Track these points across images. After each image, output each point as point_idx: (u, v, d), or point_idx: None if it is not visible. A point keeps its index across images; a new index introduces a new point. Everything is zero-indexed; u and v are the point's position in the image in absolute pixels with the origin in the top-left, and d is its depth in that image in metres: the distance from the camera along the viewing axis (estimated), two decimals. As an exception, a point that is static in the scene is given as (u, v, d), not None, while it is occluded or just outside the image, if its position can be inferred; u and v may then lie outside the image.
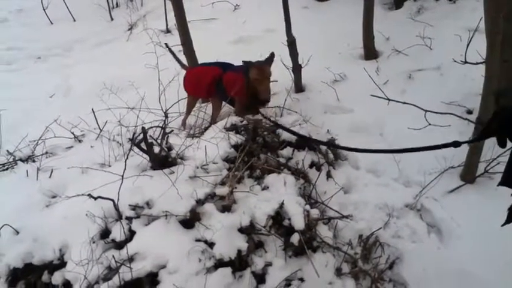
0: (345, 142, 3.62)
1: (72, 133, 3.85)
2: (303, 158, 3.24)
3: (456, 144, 1.69)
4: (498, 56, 2.86)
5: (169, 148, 3.11)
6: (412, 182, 3.34)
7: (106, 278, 2.33)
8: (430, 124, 3.10)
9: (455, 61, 3.51)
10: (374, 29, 4.71)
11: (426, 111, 3.05)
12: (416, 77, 4.31)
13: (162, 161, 2.95)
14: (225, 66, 3.90)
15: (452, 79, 4.06)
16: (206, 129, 3.57)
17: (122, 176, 2.52)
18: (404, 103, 3.12)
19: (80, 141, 3.83)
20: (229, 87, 3.66)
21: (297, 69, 4.32)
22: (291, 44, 4.23)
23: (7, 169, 3.49)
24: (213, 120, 3.81)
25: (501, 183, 1.62)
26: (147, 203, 2.62)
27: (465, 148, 3.17)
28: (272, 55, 3.68)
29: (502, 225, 1.63)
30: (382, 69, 4.49)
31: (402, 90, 4.14)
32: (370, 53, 4.78)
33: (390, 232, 2.99)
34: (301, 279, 2.55)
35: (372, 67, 4.47)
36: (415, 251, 2.86)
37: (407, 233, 3.01)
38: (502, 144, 1.51)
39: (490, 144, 3.09)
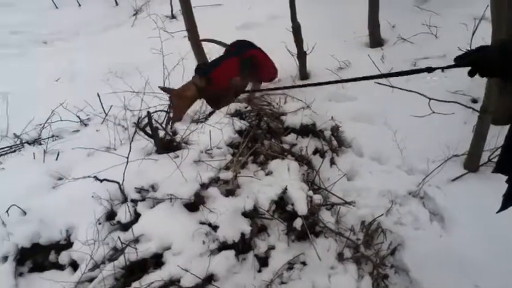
0: (349, 130, 3.66)
1: (78, 117, 3.89)
2: (307, 144, 3.25)
3: (429, 70, 1.80)
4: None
5: (174, 132, 3.14)
6: (416, 170, 3.36)
7: (112, 259, 2.37)
8: (434, 112, 3.10)
9: (460, 49, 3.50)
10: (380, 16, 4.69)
11: (430, 99, 3.04)
12: (421, 65, 4.29)
13: (167, 145, 2.97)
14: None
15: (459, 68, 4.03)
16: (210, 114, 3.59)
17: (127, 158, 2.55)
18: (410, 91, 3.12)
19: (85, 125, 3.86)
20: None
21: (301, 56, 4.32)
22: (296, 30, 4.22)
23: (14, 151, 3.53)
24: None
25: (495, 170, 1.66)
26: (152, 186, 2.66)
27: (469, 136, 3.17)
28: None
29: (497, 211, 1.66)
30: (387, 57, 4.48)
31: (407, 79, 4.10)
32: (376, 40, 4.77)
33: (393, 219, 3.01)
34: (304, 263, 2.59)
35: (377, 55, 4.46)
36: (417, 237, 2.88)
37: (410, 220, 3.02)
38: (471, 74, 1.65)
39: (495, 133, 3.11)
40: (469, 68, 1.64)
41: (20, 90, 4.97)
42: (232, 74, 3.61)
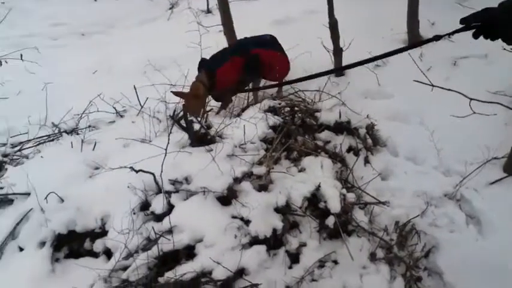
0: (384, 128, 3.60)
1: (114, 108, 3.95)
2: (341, 142, 3.22)
3: (437, 38, 1.81)
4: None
5: (208, 126, 3.16)
6: (453, 171, 3.28)
7: (145, 248, 2.41)
8: (474, 113, 3.01)
9: (504, 49, 3.38)
10: (419, 13, 4.59)
11: (471, 99, 2.96)
12: (461, 64, 4.19)
13: (201, 138, 3.00)
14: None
15: (500, 68, 3.92)
16: (244, 109, 3.59)
17: (166, 149, 2.58)
18: (450, 90, 3.04)
19: (121, 116, 3.92)
20: None
21: (337, 52, 4.27)
22: (333, 26, 4.18)
23: (52, 140, 3.63)
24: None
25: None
26: (186, 179, 2.68)
27: (510, 139, 3.07)
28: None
29: None
30: (425, 55, 4.38)
31: (446, 77, 4.04)
32: (414, 38, 4.66)
33: (427, 220, 2.95)
34: (335, 262, 2.56)
35: (415, 53, 4.35)
36: (452, 240, 2.81)
37: (445, 222, 2.96)
38: (475, 36, 1.66)
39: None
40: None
41: (58, 81, 5.09)
42: (235, 74, 3.63)
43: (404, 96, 3.91)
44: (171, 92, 3.24)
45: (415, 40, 4.66)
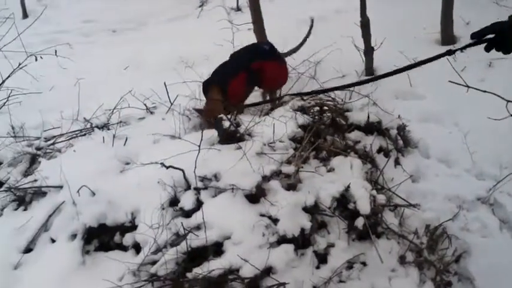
0: (416, 129, 3.54)
1: (145, 104, 4.00)
2: (371, 142, 3.18)
3: (449, 52, 1.76)
4: None
5: (238, 124, 3.16)
6: (486, 175, 3.20)
7: (174, 244, 2.43)
8: (511, 115, 2.94)
9: (544, 49, 3.27)
10: (453, 12, 4.49)
11: (508, 101, 2.88)
12: (497, 65, 4.08)
13: (230, 135, 3.00)
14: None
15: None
16: (273, 108, 3.59)
17: (199, 146, 2.61)
18: (485, 92, 2.96)
19: (151, 113, 3.97)
20: None
21: (369, 51, 4.22)
22: (365, 25, 4.13)
23: (84, 135, 3.70)
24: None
25: None
26: (215, 176, 2.69)
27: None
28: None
29: None
30: (459, 55, 4.23)
31: (481, 79, 3.94)
32: (448, 38, 4.57)
33: (459, 224, 2.89)
34: (364, 263, 2.53)
35: (449, 53, 4.27)
36: (484, 245, 2.74)
37: (478, 226, 2.90)
38: (487, 49, 1.77)
39: None
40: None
41: (90, 77, 5.19)
42: (242, 88, 3.63)
43: (437, 97, 3.84)
44: (193, 108, 3.37)
45: (448, 40, 4.57)
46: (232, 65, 3.70)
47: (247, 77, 3.63)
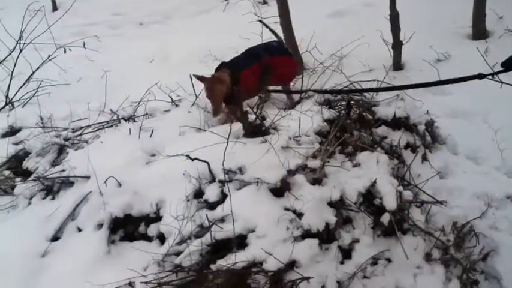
0: (444, 125, 3.46)
1: (170, 97, 4.02)
2: (399, 138, 3.13)
3: (481, 76, 1.89)
4: None
5: (263, 117, 3.15)
6: (516, 173, 3.12)
7: (198, 235, 2.45)
8: (545, 113, 2.86)
9: None
10: (486, 6, 4.36)
11: (542, 98, 2.81)
12: (531, 61, 3.94)
13: (256, 129, 3.00)
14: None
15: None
16: (297, 102, 3.56)
17: (227, 139, 2.62)
18: (517, 87, 2.88)
19: (176, 105, 3.99)
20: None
21: (397, 45, 4.15)
22: (394, 18, 4.06)
23: (111, 126, 3.74)
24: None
25: None
26: (240, 169, 2.69)
27: None
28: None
29: None
30: (491, 50, 4.17)
31: (513, 75, 3.83)
32: (480, 32, 4.46)
33: (487, 223, 2.81)
34: (388, 260, 2.51)
35: (481, 48, 4.13)
36: (513, 245, 2.68)
37: (506, 225, 2.82)
38: None
39: None
40: None
41: (117, 69, 5.25)
42: (254, 79, 3.56)
43: (466, 92, 3.75)
44: (193, 75, 3.33)
45: (480, 34, 4.45)
46: (246, 58, 3.70)
47: (259, 69, 3.62)
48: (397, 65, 4.27)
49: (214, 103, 3.29)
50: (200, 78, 3.33)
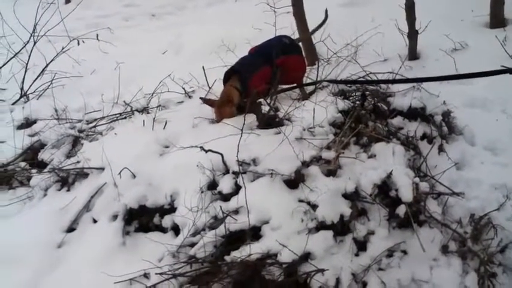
0: (461, 115, 3.40)
1: (184, 89, 4.02)
2: (415, 128, 3.09)
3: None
4: None
5: (277, 109, 3.13)
6: (536, 164, 3.05)
7: (212, 227, 2.44)
8: None
9: None
10: (505, -7, 4.27)
11: None
12: (553, 49, 3.85)
13: (269, 120, 2.98)
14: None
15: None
16: (311, 93, 3.53)
17: (242, 130, 2.61)
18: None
19: (190, 97, 3.98)
20: None
21: (413, 34, 4.08)
22: (410, 7, 3.98)
23: (125, 118, 3.76)
24: None
25: None
26: (254, 160, 2.68)
27: None
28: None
29: None
30: (510, 39, 4.07)
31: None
32: (498, 20, 4.36)
33: (505, 215, 2.75)
34: (404, 252, 2.48)
35: (499, 36, 4.06)
36: (532, 238, 2.63)
37: (526, 218, 2.77)
38: None
39: None
40: None
41: (130, 61, 5.24)
42: (263, 82, 3.42)
43: (484, 82, 3.67)
44: (200, 99, 3.33)
45: (498, 22, 4.35)
46: (256, 58, 3.58)
47: (270, 71, 3.54)
48: (413, 54, 4.20)
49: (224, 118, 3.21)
50: (207, 102, 3.30)
